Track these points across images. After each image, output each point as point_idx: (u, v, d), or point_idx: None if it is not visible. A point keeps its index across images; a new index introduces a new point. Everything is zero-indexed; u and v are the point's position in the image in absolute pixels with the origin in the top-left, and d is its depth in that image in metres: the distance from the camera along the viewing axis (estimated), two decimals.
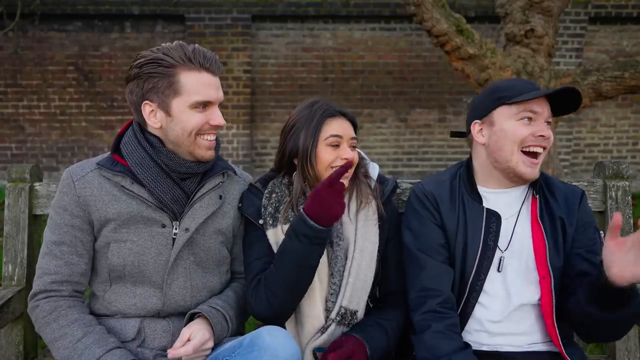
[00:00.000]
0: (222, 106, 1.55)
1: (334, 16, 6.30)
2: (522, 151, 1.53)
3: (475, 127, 1.62)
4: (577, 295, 1.46)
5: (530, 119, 1.53)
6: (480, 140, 1.60)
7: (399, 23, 6.37)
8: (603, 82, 3.52)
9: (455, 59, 3.67)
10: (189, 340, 1.39)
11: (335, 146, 1.58)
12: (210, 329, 1.45)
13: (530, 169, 1.53)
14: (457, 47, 3.57)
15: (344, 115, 1.62)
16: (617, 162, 1.89)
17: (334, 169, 1.56)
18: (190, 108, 1.45)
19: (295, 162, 1.62)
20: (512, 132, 1.53)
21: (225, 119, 1.53)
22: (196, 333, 1.41)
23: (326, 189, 1.44)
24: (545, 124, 1.54)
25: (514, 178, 1.57)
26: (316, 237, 1.44)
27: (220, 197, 1.59)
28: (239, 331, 1.63)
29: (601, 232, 1.64)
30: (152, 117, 1.47)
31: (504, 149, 1.54)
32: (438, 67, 6.41)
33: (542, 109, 1.53)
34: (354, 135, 1.62)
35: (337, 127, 1.59)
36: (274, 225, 1.58)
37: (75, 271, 1.48)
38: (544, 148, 1.54)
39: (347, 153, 1.58)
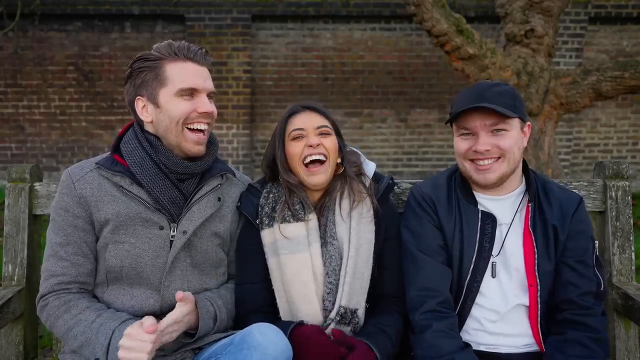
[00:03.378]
0: (222, 106, 1.57)
1: (334, 16, 6.30)
2: (470, 160, 1.55)
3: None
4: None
5: (469, 133, 1.54)
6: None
7: (399, 23, 6.37)
8: (603, 82, 3.52)
9: (455, 59, 3.67)
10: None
11: (299, 139, 1.61)
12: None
13: (481, 176, 1.54)
14: (457, 47, 3.57)
15: (309, 108, 1.66)
16: (617, 162, 1.89)
17: (304, 162, 1.60)
18: (176, 96, 1.47)
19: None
20: (457, 147, 1.58)
21: (225, 119, 1.55)
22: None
23: None
24: (491, 133, 1.50)
25: (475, 184, 1.59)
26: None
27: (219, 199, 1.59)
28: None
29: (596, 242, 1.64)
30: (145, 112, 1.51)
31: (458, 161, 1.61)
32: (438, 67, 6.41)
33: (476, 122, 1.51)
34: (320, 124, 1.63)
35: (298, 121, 1.63)
36: (270, 225, 1.58)
37: (82, 272, 1.49)
38: (496, 158, 1.51)
39: (312, 140, 1.60)
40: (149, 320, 1.32)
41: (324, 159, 1.61)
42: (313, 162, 1.60)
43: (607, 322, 1.56)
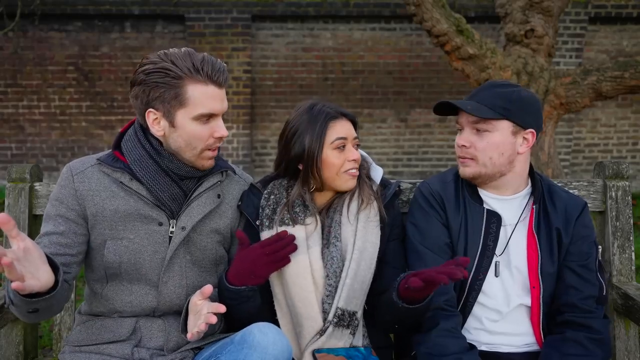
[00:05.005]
0: None
1: (334, 16, 6.30)
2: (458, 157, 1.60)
3: None
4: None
5: (460, 128, 1.60)
6: None
7: (399, 23, 6.37)
8: (603, 82, 3.53)
9: (455, 59, 3.67)
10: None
11: (341, 149, 1.58)
12: None
13: (462, 168, 1.59)
14: (457, 47, 3.57)
15: (344, 115, 1.62)
16: (617, 162, 1.89)
17: (347, 172, 1.58)
18: (194, 120, 1.44)
19: (300, 167, 1.61)
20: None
21: (225, 119, 1.53)
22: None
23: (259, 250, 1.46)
24: (475, 131, 1.54)
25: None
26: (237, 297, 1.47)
27: (219, 196, 1.59)
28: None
29: (599, 247, 1.63)
30: (156, 124, 1.46)
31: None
32: (438, 67, 6.41)
33: (462, 118, 1.58)
34: (356, 134, 1.63)
35: (341, 129, 1.58)
36: (269, 227, 1.57)
37: (60, 262, 1.41)
38: (469, 158, 1.56)
39: (354, 154, 1.59)
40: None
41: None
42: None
43: (609, 324, 1.56)
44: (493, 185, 1.59)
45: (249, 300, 1.48)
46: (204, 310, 1.36)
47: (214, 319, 1.32)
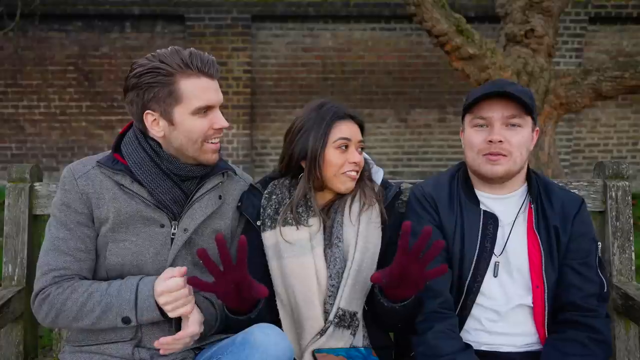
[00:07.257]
0: (222, 106, 1.55)
1: (334, 16, 6.30)
2: (483, 155, 1.53)
3: (462, 130, 1.64)
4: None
5: (484, 124, 1.52)
6: (463, 143, 1.63)
7: (399, 23, 6.37)
8: (603, 82, 3.53)
9: (455, 59, 3.68)
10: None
11: (343, 149, 1.58)
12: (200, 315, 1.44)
13: (489, 167, 1.52)
14: (457, 47, 3.58)
15: (352, 117, 1.62)
16: (617, 162, 1.89)
17: (345, 173, 1.57)
18: (192, 114, 1.44)
19: (303, 165, 1.61)
20: (469, 140, 1.56)
21: (225, 119, 1.53)
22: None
23: None
24: (505, 126, 1.49)
25: (481, 178, 1.58)
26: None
27: (220, 197, 1.59)
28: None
29: (599, 243, 1.62)
30: (155, 126, 1.47)
31: (468, 154, 1.58)
32: (438, 67, 6.41)
33: (494, 112, 1.49)
34: (361, 138, 1.63)
35: (346, 129, 1.59)
36: (272, 227, 1.57)
37: (84, 267, 1.47)
38: (503, 155, 1.49)
39: (355, 157, 1.58)
40: (169, 272, 1.37)
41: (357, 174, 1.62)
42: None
43: (610, 323, 1.55)
44: (492, 185, 1.59)
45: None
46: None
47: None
